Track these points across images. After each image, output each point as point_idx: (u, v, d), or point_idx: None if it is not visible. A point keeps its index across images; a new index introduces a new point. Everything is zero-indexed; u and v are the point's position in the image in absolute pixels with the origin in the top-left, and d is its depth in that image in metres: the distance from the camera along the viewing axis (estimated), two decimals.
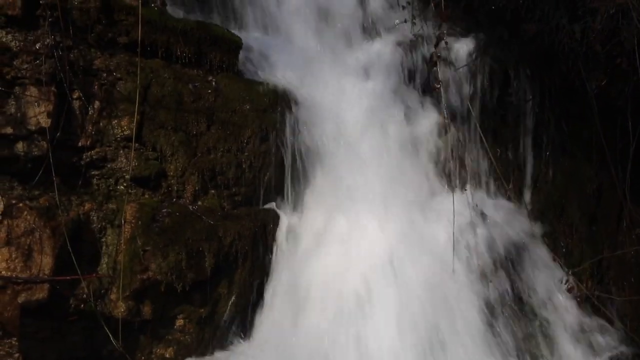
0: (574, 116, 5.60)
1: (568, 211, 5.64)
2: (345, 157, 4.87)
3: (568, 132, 5.60)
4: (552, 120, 5.52)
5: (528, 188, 5.55)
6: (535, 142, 5.57)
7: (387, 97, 5.28)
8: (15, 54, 4.03)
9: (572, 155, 5.66)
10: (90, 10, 4.28)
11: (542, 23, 5.03)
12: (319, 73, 5.19)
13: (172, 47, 4.61)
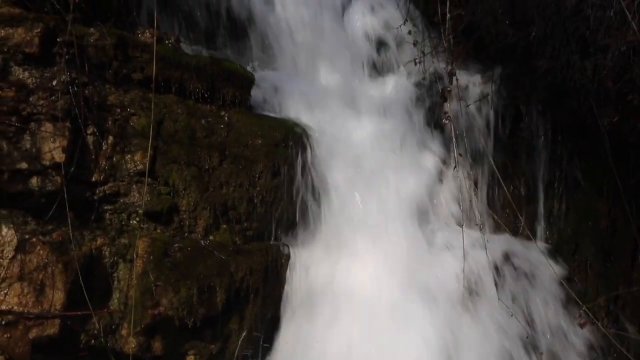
0: (586, 152, 5.59)
1: (582, 247, 5.60)
2: (355, 192, 4.87)
3: (581, 168, 5.59)
4: (564, 155, 5.51)
5: (541, 223, 5.52)
6: (547, 178, 5.56)
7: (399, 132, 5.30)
8: (31, 91, 4.08)
9: (585, 191, 5.63)
10: (105, 47, 4.33)
11: (553, 59, 5.05)
12: (332, 109, 5.24)
13: (186, 83, 4.66)
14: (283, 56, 5.70)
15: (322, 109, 5.27)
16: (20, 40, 4.03)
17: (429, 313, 4.54)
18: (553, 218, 5.61)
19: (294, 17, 5.76)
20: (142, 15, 5.10)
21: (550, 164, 5.57)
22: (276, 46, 5.70)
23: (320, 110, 5.25)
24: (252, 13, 5.63)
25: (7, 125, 4.00)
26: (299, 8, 5.77)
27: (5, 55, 4.00)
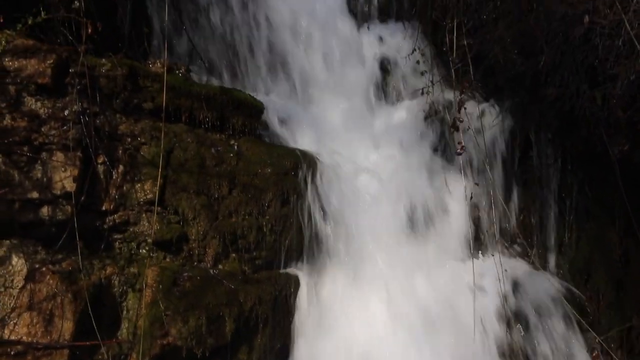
0: (597, 180, 5.57)
1: (594, 276, 5.56)
2: (366, 222, 4.86)
3: (592, 196, 5.57)
4: (575, 184, 5.50)
5: (552, 252, 5.49)
6: (558, 206, 5.54)
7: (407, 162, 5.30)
8: (43, 121, 4.11)
9: (597, 220, 5.60)
10: (117, 77, 4.36)
11: (562, 88, 5.06)
12: (341, 137, 5.25)
13: (196, 112, 4.68)
14: (292, 84, 5.73)
15: (332, 137, 5.29)
16: (34, 71, 4.07)
17: (440, 342, 4.49)
18: (564, 247, 5.58)
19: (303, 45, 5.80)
20: (153, 45, 5.16)
21: (560, 193, 5.56)
22: (285, 75, 5.73)
23: (329, 138, 5.27)
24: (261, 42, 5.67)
25: (19, 155, 4.03)
26: (308, 37, 5.81)
27: (18, 86, 4.04)
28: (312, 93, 5.73)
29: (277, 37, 5.71)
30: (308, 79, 5.75)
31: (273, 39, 5.69)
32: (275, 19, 5.71)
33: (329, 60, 5.81)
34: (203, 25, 5.42)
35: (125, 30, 5.00)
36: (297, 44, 5.77)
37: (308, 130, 5.27)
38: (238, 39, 5.55)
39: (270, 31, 5.69)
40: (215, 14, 5.44)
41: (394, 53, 5.97)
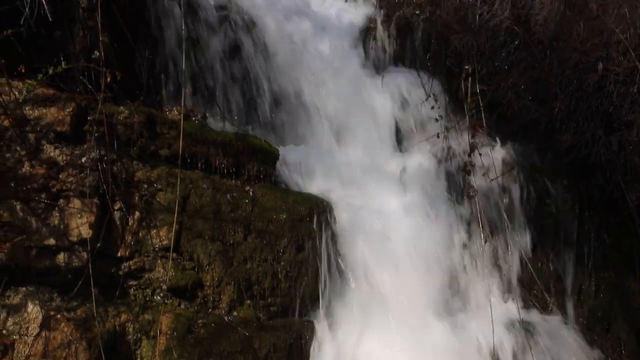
0: (614, 227, 5.52)
1: (614, 326, 5.45)
2: (381, 268, 4.82)
3: (610, 243, 5.51)
4: (592, 230, 5.45)
5: (570, 300, 5.40)
6: (576, 254, 5.48)
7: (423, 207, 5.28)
8: (61, 168, 4.17)
9: (616, 267, 5.53)
10: (134, 125, 4.42)
11: (578, 134, 5.07)
12: (356, 183, 5.24)
13: (212, 159, 4.71)
14: (307, 130, 5.76)
15: (347, 183, 5.28)
16: (53, 119, 4.14)
17: None
18: (584, 295, 5.49)
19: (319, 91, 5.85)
20: (170, 92, 5.23)
21: (578, 240, 5.51)
22: (300, 120, 5.77)
23: (344, 184, 5.26)
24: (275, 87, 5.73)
25: (37, 202, 4.07)
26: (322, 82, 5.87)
27: (38, 134, 4.11)
28: (327, 138, 5.75)
29: (292, 83, 5.77)
30: (323, 124, 5.78)
31: (287, 84, 5.75)
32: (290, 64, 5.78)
33: (343, 106, 5.83)
34: (220, 71, 5.50)
35: (143, 78, 5.08)
36: (311, 90, 5.82)
37: (323, 176, 5.27)
38: (254, 85, 5.62)
39: (284, 76, 5.75)
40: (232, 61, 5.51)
41: (408, 99, 6.00)
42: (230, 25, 5.53)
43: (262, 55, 5.64)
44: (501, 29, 5.33)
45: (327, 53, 6.00)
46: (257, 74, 5.61)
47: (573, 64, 4.92)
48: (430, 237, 5.15)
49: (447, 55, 5.83)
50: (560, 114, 5.07)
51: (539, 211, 5.54)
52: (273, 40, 5.72)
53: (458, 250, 5.25)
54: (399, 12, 6.24)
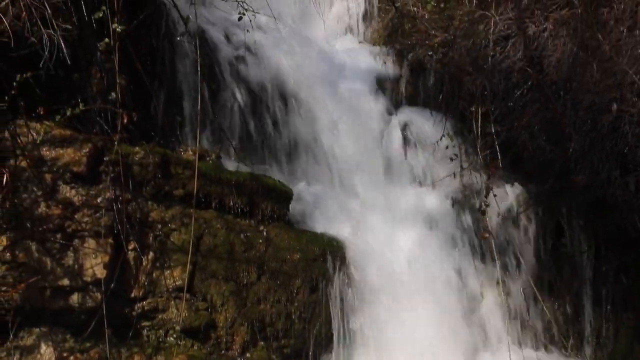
0: (633, 268, 5.45)
1: None
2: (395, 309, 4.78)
3: (628, 285, 5.43)
4: (610, 271, 5.38)
5: (589, 343, 5.32)
6: (594, 295, 5.40)
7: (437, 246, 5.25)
8: (77, 208, 4.20)
9: (635, 310, 5.44)
10: (149, 165, 4.46)
11: (593, 175, 5.04)
12: (371, 223, 5.23)
13: (226, 198, 4.73)
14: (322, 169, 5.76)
15: (360, 222, 5.27)
16: (70, 160, 4.19)
17: None
18: (602, 338, 5.40)
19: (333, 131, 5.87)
20: (185, 132, 5.27)
21: (595, 281, 5.44)
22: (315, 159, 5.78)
23: (359, 223, 5.25)
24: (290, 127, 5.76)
25: (53, 242, 4.09)
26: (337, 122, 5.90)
27: (54, 175, 4.16)
28: (341, 177, 5.74)
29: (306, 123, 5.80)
30: (337, 163, 5.78)
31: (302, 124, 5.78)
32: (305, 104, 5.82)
33: (358, 146, 5.85)
34: (235, 112, 5.54)
35: (159, 119, 5.13)
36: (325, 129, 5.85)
37: (337, 215, 5.26)
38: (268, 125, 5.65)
39: (299, 116, 5.79)
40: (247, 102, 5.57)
41: (422, 139, 6.02)
42: (246, 67, 5.59)
43: (277, 95, 5.69)
44: (514, 70, 5.35)
45: (341, 93, 6.04)
46: (272, 114, 5.65)
47: (587, 105, 4.92)
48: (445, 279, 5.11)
49: (460, 96, 5.85)
50: (574, 154, 5.05)
51: (555, 251, 5.49)
52: (288, 80, 5.77)
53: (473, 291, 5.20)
54: (412, 53, 6.31)
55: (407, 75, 6.36)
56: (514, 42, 5.32)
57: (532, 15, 5.27)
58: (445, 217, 5.51)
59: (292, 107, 5.75)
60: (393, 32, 6.61)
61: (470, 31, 5.56)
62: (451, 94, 6.00)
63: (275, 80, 5.70)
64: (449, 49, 5.81)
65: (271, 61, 5.78)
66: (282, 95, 5.70)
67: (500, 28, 5.37)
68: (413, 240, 5.23)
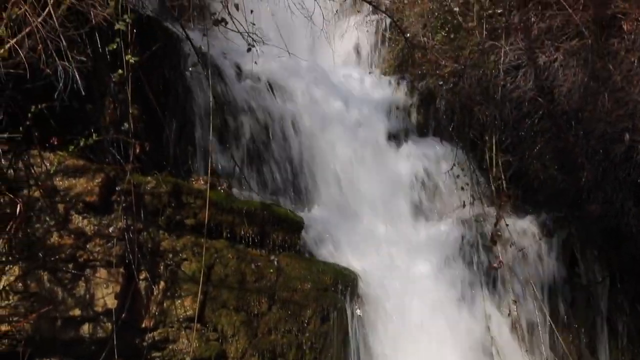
0: None
1: None
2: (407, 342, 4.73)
3: None
4: (625, 303, 5.31)
5: None
6: (609, 327, 5.32)
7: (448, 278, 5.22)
8: (89, 238, 4.20)
9: None
10: (161, 194, 4.47)
11: (606, 204, 5.02)
12: (380, 252, 5.22)
13: (237, 228, 4.72)
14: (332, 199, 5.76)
15: (371, 252, 5.25)
16: (82, 189, 4.21)
17: None
18: None
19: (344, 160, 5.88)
20: (196, 162, 5.29)
21: (611, 312, 5.36)
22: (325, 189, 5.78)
23: (369, 253, 5.23)
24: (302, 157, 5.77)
25: (64, 272, 4.09)
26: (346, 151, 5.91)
27: (67, 205, 4.18)
28: (352, 207, 5.74)
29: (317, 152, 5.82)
30: (347, 193, 5.78)
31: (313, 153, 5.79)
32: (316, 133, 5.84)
33: (368, 175, 5.85)
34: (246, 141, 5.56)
35: (171, 148, 5.16)
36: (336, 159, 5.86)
37: (347, 244, 5.25)
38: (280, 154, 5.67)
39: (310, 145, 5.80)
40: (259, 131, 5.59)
41: (433, 168, 6.02)
42: (258, 95, 5.63)
43: (289, 124, 5.71)
44: (525, 99, 5.37)
45: (352, 122, 6.07)
46: (283, 143, 5.67)
47: (599, 134, 4.93)
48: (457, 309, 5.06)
49: (470, 126, 5.87)
50: (587, 184, 5.04)
51: (569, 282, 5.44)
52: (299, 110, 5.80)
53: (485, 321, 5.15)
54: (422, 83, 6.34)
55: (417, 104, 6.39)
56: (524, 72, 5.36)
57: (542, 46, 5.32)
58: (455, 248, 5.48)
59: (303, 136, 5.77)
60: (403, 62, 6.66)
61: (480, 61, 5.60)
62: (462, 123, 6.02)
63: (286, 110, 5.73)
64: (460, 78, 5.84)
65: (282, 91, 5.83)
66: (293, 125, 5.73)
67: (510, 58, 5.42)
68: (424, 270, 5.20)
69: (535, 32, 5.32)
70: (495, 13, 5.54)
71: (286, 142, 5.68)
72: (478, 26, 5.65)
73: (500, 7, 5.52)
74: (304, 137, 5.77)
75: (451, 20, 6.00)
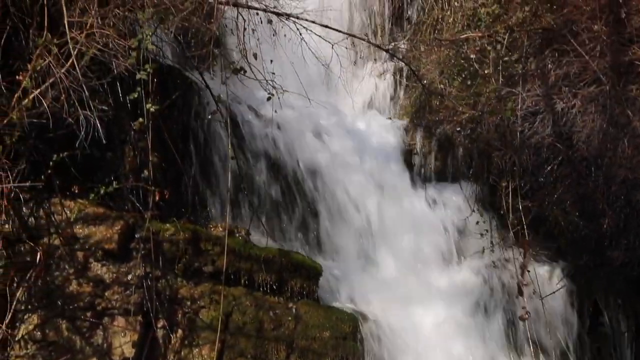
0: None
1: None
2: None
3: None
4: None
5: None
6: None
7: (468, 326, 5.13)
8: (107, 286, 4.22)
9: None
10: (179, 242, 4.48)
11: (630, 251, 4.95)
12: (400, 300, 5.15)
13: (255, 275, 4.70)
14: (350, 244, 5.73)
15: (390, 300, 5.19)
16: (102, 237, 4.24)
17: None
18: None
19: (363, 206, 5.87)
20: (214, 209, 5.31)
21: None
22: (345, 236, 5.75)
23: (389, 300, 5.17)
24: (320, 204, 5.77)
25: (82, 320, 4.09)
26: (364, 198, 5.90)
27: (86, 252, 4.21)
28: (370, 253, 5.71)
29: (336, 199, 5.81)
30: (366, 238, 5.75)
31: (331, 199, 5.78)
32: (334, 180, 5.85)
33: (387, 221, 5.83)
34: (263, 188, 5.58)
35: (189, 195, 5.19)
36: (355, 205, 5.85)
37: (367, 292, 5.20)
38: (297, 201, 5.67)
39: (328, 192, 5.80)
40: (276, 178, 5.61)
41: (451, 214, 5.99)
42: (274, 144, 5.67)
43: (306, 172, 5.73)
44: (543, 145, 5.36)
45: (370, 169, 6.07)
46: (301, 190, 5.68)
47: (619, 180, 4.89)
48: None
49: (489, 171, 5.85)
50: (609, 230, 4.98)
51: (593, 332, 5.33)
52: (316, 156, 5.82)
53: None
54: (440, 129, 6.35)
55: (435, 150, 6.39)
56: (542, 118, 5.35)
57: (560, 92, 5.32)
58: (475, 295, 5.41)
59: (321, 182, 5.78)
60: (420, 109, 6.68)
61: (497, 107, 5.61)
62: (480, 168, 6.01)
63: (304, 157, 5.76)
64: (477, 124, 5.85)
65: (300, 138, 5.86)
66: (311, 171, 5.74)
67: (527, 104, 5.42)
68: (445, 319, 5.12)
69: (553, 78, 5.33)
70: (511, 60, 5.57)
71: (304, 188, 5.69)
72: (494, 73, 5.67)
73: (516, 54, 5.55)
74: (323, 183, 5.78)
75: (468, 67, 6.03)
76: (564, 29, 5.35)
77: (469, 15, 6.37)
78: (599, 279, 5.32)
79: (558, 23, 5.38)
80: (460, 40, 6.15)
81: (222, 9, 5.01)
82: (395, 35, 7.59)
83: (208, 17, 4.94)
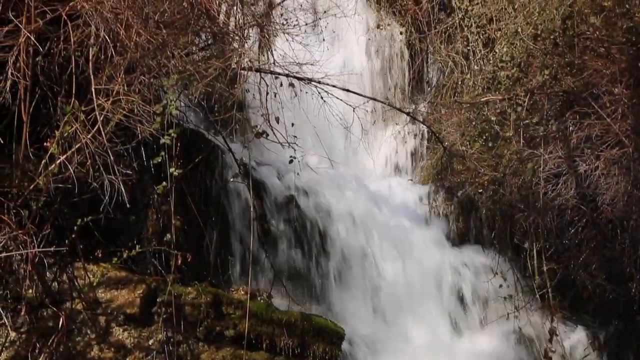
0: None
1: None
2: None
3: None
4: None
5: None
6: None
7: None
8: (129, 351, 4.16)
9: None
10: (201, 305, 4.44)
11: None
12: None
13: (277, 339, 4.65)
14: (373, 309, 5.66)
15: None
16: (124, 301, 4.22)
17: None
18: None
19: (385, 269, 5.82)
20: (236, 272, 5.29)
21: None
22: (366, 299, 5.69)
23: None
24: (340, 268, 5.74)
25: None
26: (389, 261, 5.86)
27: (108, 317, 4.17)
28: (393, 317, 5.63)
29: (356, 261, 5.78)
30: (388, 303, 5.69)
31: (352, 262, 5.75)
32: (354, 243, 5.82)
33: (409, 285, 5.77)
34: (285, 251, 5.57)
35: (211, 258, 5.18)
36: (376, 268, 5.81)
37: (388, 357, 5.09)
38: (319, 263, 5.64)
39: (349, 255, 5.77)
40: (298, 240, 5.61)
41: (475, 276, 5.90)
42: (297, 207, 5.68)
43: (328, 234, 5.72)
44: (567, 207, 5.31)
45: (393, 233, 6.05)
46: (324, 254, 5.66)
47: None
48: None
49: (512, 233, 5.79)
50: (638, 294, 4.86)
51: None
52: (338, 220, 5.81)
53: None
54: (462, 191, 6.34)
55: (457, 212, 6.37)
56: (565, 180, 5.32)
57: (582, 154, 5.30)
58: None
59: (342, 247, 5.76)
60: (442, 171, 6.70)
61: (519, 169, 5.60)
62: (503, 230, 5.95)
63: (326, 220, 5.76)
64: (499, 186, 5.83)
65: (322, 201, 5.88)
66: (333, 235, 5.73)
67: (550, 166, 5.39)
68: None
69: (574, 140, 5.33)
70: (532, 122, 5.59)
71: (326, 252, 5.67)
72: (515, 135, 5.69)
73: (537, 117, 5.57)
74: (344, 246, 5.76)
75: (489, 129, 6.06)
76: (584, 91, 5.37)
77: (489, 79, 6.44)
78: (629, 345, 5.18)
79: (578, 86, 5.41)
80: (480, 102, 6.20)
81: (246, 74, 5.11)
82: (416, 98, 7.69)
83: (231, 83, 5.04)
